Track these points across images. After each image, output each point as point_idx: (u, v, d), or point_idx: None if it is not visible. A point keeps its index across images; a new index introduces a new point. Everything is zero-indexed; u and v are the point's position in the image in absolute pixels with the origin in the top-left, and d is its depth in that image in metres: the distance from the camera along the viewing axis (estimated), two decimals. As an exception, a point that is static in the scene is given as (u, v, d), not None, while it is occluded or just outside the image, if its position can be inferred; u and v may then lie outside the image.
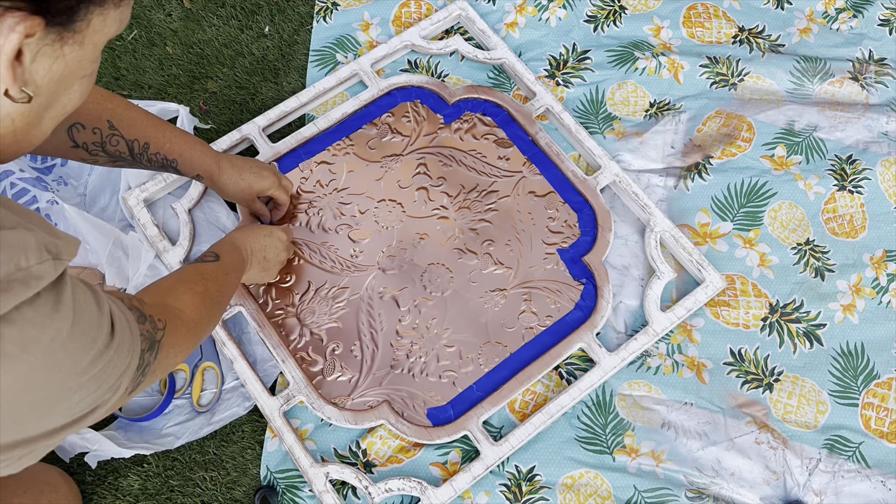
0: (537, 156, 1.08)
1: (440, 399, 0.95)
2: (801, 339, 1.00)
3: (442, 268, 1.01)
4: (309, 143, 1.08)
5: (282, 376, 0.98)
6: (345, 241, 1.03)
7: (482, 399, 0.94)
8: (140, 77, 1.16)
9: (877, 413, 0.97)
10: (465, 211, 1.05)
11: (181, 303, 0.67)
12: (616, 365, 0.95)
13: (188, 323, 0.65)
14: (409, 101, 1.11)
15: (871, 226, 1.06)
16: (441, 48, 1.15)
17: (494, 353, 0.97)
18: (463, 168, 1.07)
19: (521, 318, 0.99)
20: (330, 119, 1.09)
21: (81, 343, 0.44)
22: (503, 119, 1.10)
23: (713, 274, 1.00)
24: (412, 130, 1.09)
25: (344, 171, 1.07)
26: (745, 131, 1.11)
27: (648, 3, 1.21)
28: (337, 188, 1.06)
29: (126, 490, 0.94)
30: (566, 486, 0.93)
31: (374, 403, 0.95)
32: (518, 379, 0.95)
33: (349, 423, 0.93)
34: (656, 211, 1.03)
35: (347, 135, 1.09)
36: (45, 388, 0.42)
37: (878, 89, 1.14)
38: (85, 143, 0.75)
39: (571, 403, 0.94)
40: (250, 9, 1.21)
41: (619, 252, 1.05)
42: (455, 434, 0.92)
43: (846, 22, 1.20)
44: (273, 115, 1.09)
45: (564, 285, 1.01)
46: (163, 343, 0.59)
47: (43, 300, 0.41)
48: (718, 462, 0.94)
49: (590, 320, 0.98)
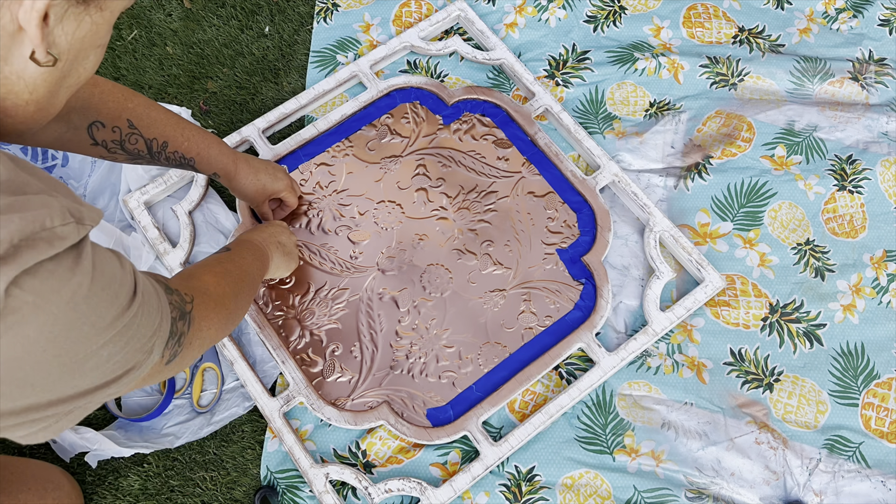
0: (536, 156, 1.08)
1: (440, 399, 0.95)
2: (801, 339, 1.00)
3: (441, 268, 1.02)
4: (308, 145, 1.08)
5: (281, 377, 0.98)
6: (344, 242, 1.03)
7: (481, 399, 0.94)
8: (140, 77, 1.16)
9: (877, 413, 0.97)
10: (464, 212, 1.05)
11: (202, 282, 0.67)
12: (616, 365, 0.95)
13: (214, 297, 0.66)
14: (408, 103, 1.11)
15: (872, 226, 1.06)
16: (440, 49, 1.15)
17: (494, 354, 0.97)
18: (462, 169, 1.07)
19: (521, 318, 0.99)
20: (329, 121, 1.09)
21: (104, 297, 0.44)
22: (502, 119, 1.10)
23: (713, 273, 1.00)
24: (411, 132, 1.09)
25: (343, 172, 1.07)
26: (745, 131, 1.11)
27: (648, 4, 1.21)
28: (336, 189, 1.06)
29: (126, 490, 0.94)
30: (566, 487, 0.93)
31: (373, 404, 0.95)
32: (517, 379, 0.95)
33: (349, 424, 0.93)
34: (655, 211, 1.03)
35: (347, 136, 1.09)
36: (70, 341, 0.43)
37: (878, 89, 1.14)
38: (104, 140, 0.76)
39: (571, 403, 0.94)
40: (250, 9, 1.21)
41: (619, 252, 1.05)
42: (455, 434, 0.92)
43: (846, 22, 1.20)
44: (273, 117, 1.09)
45: (564, 285, 1.01)
46: (193, 315, 0.60)
47: (64, 256, 0.42)
48: (718, 462, 0.94)
49: (589, 320, 0.98)
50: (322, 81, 1.12)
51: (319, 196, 1.06)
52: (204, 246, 1.04)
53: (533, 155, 1.08)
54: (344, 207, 1.05)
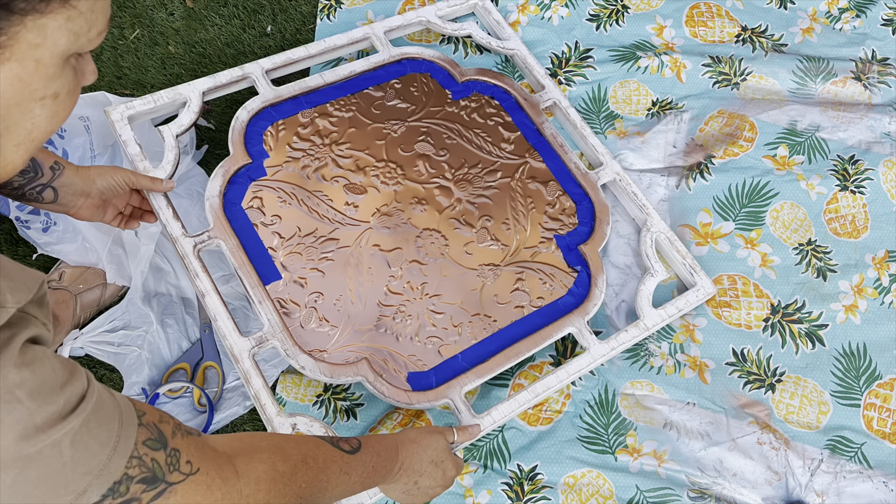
0: (541, 144, 1.08)
1: (423, 364, 0.92)
2: (802, 340, 1.00)
3: (437, 234, 1.00)
4: (312, 94, 1.06)
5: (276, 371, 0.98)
6: (339, 192, 1.00)
7: (467, 370, 0.92)
8: (142, 76, 1.16)
9: (879, 414, 0.97)
10: (465, 184, 1.04)
11: (246, 467, 0.51)
12: (605, 353, 0.94)
13: (232, 494, 0.49)
14: (418, 73, 1.11)
15: (874, 226, 1.06)
16: (456, 29, 1.15)
17: (483, 326, 0.96)
18: (467, 144, 1.07)
19: (513, 295, 0.98)
20: (337, 74, 1.08)
21: (29, 400, 0.37)
22: (511, 105, 1.10)
23: (704, 279, 1.00)
24: (419, 101, 1.09)
25: (346, 126, 1.05)
26: (748, 131, 1.11)
27: (651, 3, 1.21)
28: (336, 141, 1.04)
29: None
30: (568, 486, 0.93)
31: (352, 359, 0.90)
32: (506, 354, 0.93)
33: (325, 376, 0.88)
34: (653, 212, 1.04)
35: (353, 93, 1.08)
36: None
37: (880, 89, 1.14)
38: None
39: (558, 385, 0.92)
40: (252, 8, 1.21)
41: (622, 251, 1.05)
42: (436, 401, 0.89)
43: (849, 22, 1.20)
44: (279, 59, 1.06)
45: (558, 270, 1.01)
46: (177, 491, 0.45)
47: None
48: (720, 462, 0.94)
49: (582, 307, 0.97)
50: (334, 37, 1.10)
51: (318, 144, 1.03)
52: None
53: (538, 143, 1.08)
54: (343, 159, 1.03)
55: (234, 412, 0.96)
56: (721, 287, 1.02)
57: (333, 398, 0.97)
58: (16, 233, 1.01)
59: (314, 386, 0.98)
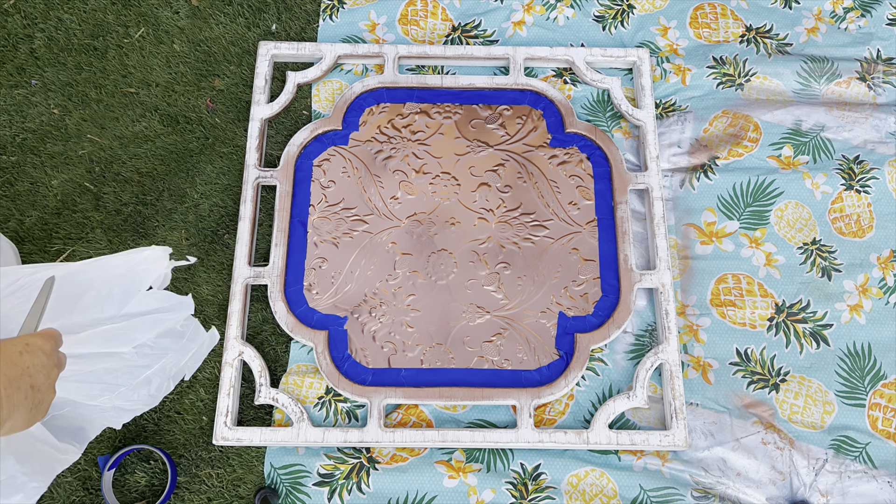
0: (606, 222, 1.04)
1: (368, 361, 0.97)
2: (807, 340, 1.00)
3: (451, 259, 1.02)
4: (426, 91, 1.11)
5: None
6: (394, 185, 1.05)
7: (401, 386, 0.96)
8: (147, 74, 1.16)
9: (884, 413, 0.96)
10: (506, 227, 1.04)
11: None
12: (531, 441, 0.92)
13: None
14: (534, 108, 1.10)
15: (879, 225, 1.06)
16: (596, 80, 1.12)
17: (439, 357, 0.98)
18: (534, 191, 1.05)
19: (484, 345, 0.98)
20: (456, 81, 1.11)
21: None
22: (601, 173, 1.07)
23: (680, 430, 0.93)
24: (517, 132, 1.09)
25: (436, 130, 1.08)
26: (752, 131, 1.11)
27: (655, 3, 1.21)
28: (421, 140, 1.08)
29: (133, 486, 0.94)
30: (572, 485, 0.93)
31: (316, 326, 0.99)
32: (441, 392, 0.95)
33: (286, 328, 0.98)
34: (674, 339, 0.97)
35: (461, 103, 1.10)
36: None
37: (885, 89, 1.14)
38: None
39: (472, 444, 0.93)
40: (257, 7, 1.21)
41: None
42: (357, 397, 0.95)
43: (854, 21, 1.19)
44: (415, 50, 1.12)
45: (542, 346, 0.98)
46: None
47: None
48: (724, 462, 0.94)
49: (539, 389, 0.95)
50: (471, 47, 1.13)
51: (403, 137, 1.08)
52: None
53: (604, 219, 1.04)
54: (414, 158, 1.07)
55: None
56: (726, 286, 1.02)
57: (334, 400, 0.98)
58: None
59: (315, 388, 0.98)
